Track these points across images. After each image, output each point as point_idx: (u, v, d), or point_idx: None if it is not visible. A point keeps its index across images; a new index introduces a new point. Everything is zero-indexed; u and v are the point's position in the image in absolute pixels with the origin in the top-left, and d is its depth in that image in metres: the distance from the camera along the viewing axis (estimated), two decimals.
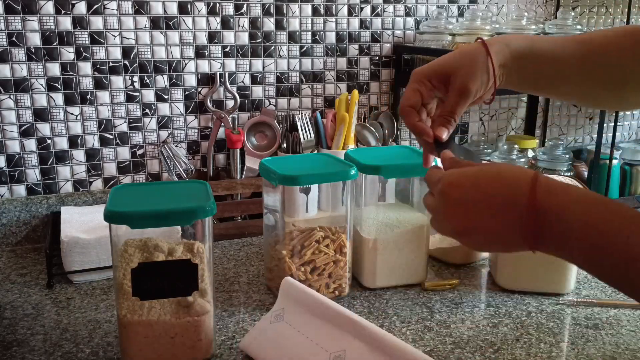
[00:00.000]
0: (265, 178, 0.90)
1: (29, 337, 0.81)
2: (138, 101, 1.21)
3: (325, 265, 0.91)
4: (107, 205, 0.70)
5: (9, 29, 1.09)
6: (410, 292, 0.95)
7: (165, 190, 0.78)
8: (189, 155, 1.27)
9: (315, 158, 0.97)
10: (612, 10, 1.66)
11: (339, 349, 0.70)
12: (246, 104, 1.30)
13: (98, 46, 1.15)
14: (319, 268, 0.90)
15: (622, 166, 1.42)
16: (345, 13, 1.34)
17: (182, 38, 1.21)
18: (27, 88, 1.12)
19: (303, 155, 1.05)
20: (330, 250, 0.91)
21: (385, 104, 1.43)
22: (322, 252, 0.90)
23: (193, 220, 0.72)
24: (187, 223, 0.73)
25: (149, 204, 0.72)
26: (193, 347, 0.74)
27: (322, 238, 0.90)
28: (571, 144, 1.68)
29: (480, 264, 1.06)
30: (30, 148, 1.15)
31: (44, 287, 0.96)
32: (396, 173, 0.94)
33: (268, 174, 0.89)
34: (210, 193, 0.76)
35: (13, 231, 1.14)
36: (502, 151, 1.34)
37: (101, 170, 1.21)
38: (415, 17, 1.41)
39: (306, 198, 0.96)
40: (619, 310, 0.89)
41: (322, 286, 0.91)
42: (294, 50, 1.31)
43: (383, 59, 1.40)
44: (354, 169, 0.88)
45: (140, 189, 0.78)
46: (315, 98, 1.36)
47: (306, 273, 0.90)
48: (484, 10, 1.37)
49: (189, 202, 0.73)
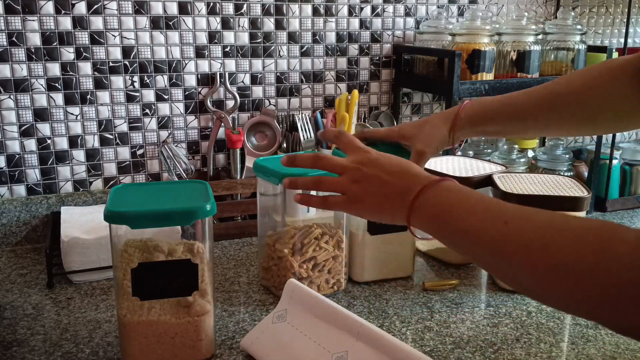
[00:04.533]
0: (263, 178, 0.90)
1: (29, 337, 0.81)
2: (138, 101, 1.21)
3: (326, 262, 0.91)
4: (107, 205, 0.70)
5: (9, 29, 1.09)
6: (410, 292, 0.95)
7: (165, 191, 0.78)
8: (189, 155, 1.27)
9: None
10: (612, 10, 1.66)
11: (342, 350, 0.70)
12: (246, 104, 1.30)
13: (98, 46, 1.15)
14: (320, 264, 0.91)
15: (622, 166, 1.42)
16: (345, 13, 1.34)
17: (182, 38, 1.21)
18: (27, 88, 1.12)
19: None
20: (330, 247, 0.91)
21: (385, 104, 1.43)
22: (323, 249, 0.91)
23: (193, 221, 0.72)
24: (187, 223, 0.73)
25: (149, 204, 0.72)
26: (193, 347, 0.74)
27: (320, 235, 0.91)
28: (571, 144, 1.68)
29: None
30: (31, 148, 1.15)
31: (44, 287, 0.96)
32: None
33: (267, 173, 0.88)
34: (211, 193, 0.76)
35: (13, 231, 1.14)
36: (502, 151, 1.34)
37: (101, 170, 1.21)
38: (415, 17, 1.41)
39: None
40: None
41: (322, 282, 0.92)
42: (294, 50, 1.31)
43: (383, 59, 1.40)
44: None
45: (140, 189, 0.78)
46: (315, 98, 1.36)
47: (308, 270, 0.90)
48: (484, 10, 1.37)
49: (189, 202, 0.73)
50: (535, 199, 0.92)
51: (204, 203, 0.72)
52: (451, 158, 1.16)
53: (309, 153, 0.72)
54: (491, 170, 1.06)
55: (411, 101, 1.46)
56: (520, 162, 1.33)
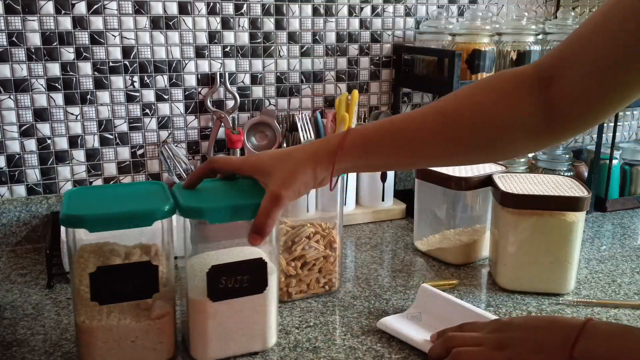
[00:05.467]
0: None
1: (29, 337, 0.81)
2: (138, 101, 1.21)
3: (316, 261, 0.91)
4: (62, 209, 0.68)
5: (9, 29, 1.09)
6: (410, 292, 0.95)
7: (121, 193, 0.75)
8: (189, 155, 1.27)
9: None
10: None
11: None
12: (246, 104, 1.30)
13: (98, 46, 1.15)
14: (309, 263, 0.91)
15: (622, 166, 1.42)
16: (345, 13, 1.34)
17: (182, 38, 1.21)
18: (27, 88, 1.12)
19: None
20: (320, 246, 0.91)
21: (385, 104, 1.43)
22: (313, 248, 0.91)
23: (153, 222, 0.70)
24: (147, 224, 0.70)
25: (106, 207, 0.70)
26: (155, 349, 0.73)
27: (312, 234, 0.91)
28: (571, 144, 1.68)
29: (480, 264, 1.07)
30: (30, 148, 1.15)
31: (44, 287, 0.96)
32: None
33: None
34: (169, 194, 0.74)
35: (13, 231, 1.14)
36: None
37: (101, 170, 1.21)
38: (415, 17, 1.41)
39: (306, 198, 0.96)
40: (619, 310, 0.89)
41: (312, 281, 0.92)
42: (294, 50, 1.31)
43: (383, 59, 1.40)
44: None
45: (96, 192, 0.76)
46: (315, 98, 1.36)
47: (297, 268, 0.90)
48: (484, 10, 1.37)
49: (148, 203, 0.71)
50: (535, 199, 0.92)
51: (163, 204, 0.70)
52: None
53: (439, 342, 0.73)
54: (491, 171, 1.06)
55: (411, 101, 1.46)
56: (520, 162, 1.33)
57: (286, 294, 0.91)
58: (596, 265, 1.07)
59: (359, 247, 1.15)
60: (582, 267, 1.05)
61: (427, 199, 1.10)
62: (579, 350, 0.60)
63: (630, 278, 1.01)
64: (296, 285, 0.91)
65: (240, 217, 0.72)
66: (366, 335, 0.81)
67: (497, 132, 0.68)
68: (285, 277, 0.90)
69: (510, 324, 0.68)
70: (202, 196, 0.75)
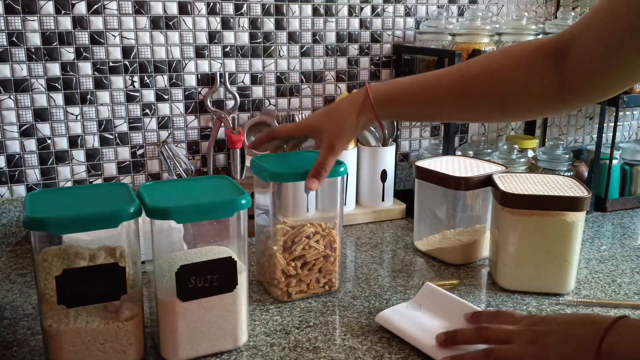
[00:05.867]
0: (257, 175, 0.91)
1: (29, 337, 0.81)
2: (138, 101, 1.21)
3: (316, 261, 0.91)
4: (25, 212, 0.67)
5: (9, 29, 1.09)
6: (410, 292, 0.95)
7: (85, 195, 0.75)
8: (189, 155, 1.27)
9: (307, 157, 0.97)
10: None
11: None
12: (246, 104, 1.30)
13: (98, 46, 1.15)
14: (310, 263, 0.91)
15: (622, 166, 1.42)
16: (345, 13, 1.34)
17: (182, 38, 1.21)
18: (27, 88, 1.12)
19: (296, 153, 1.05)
20: (320, 246, 0.91)
21: None
22: (312, 248, 0.91)
23: (119, 223, 0.68)
24: (113, 226, 0.69)
25: (70, 209, 0.69)
26: (124, 351, 0.72)
27: (312, 234, 0.91)
28: (571, 143, 1.68)
29: (480, 264, 1.07)
30: (30, 148, 1.15)
31: None
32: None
33: (260, 170, 0.89)
34: (134, 195, 0.73)
35: (13, 231, 1.14)
36: (502, 151, 1.34)
37: (101, 170, 1.21)
38: (415, 17, 1.41)
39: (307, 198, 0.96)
40: (619, 310, 0.89)
41: (312, 281, 0.92)
42: (294, 50, 1.31)
43: (383, 59, 1.40)
44: (343, 166, 0.89)
45: (58, 194, 0.75)
46: (315, 98, 1.36)
47: (297, 268, 0.90)
48: (484, 10, 1.37)
49: (113, 205, 0.70)
50: (536, 199, 0.92)
51: (128, 205, 0.70)
52: (451, 158, 1.16)
53: (472, 329, 0.75)
54: (491, 170, 1.06)
55: None
56: (520, 162, 1.33)
57: (286, 294, 0.91)
58: (596, 265, 1.07)
59: (359, 247, 1.15)
60: (582, 267, 1.05)
61: (427, 199, 1.10)
62: (607, 345, 0.61)
63: (630, 278, 1.01)
64: (296, 285, 0.91)
65: (206, 216, 0.73)
66: (366, 335, 0.81)
67: (511, 89, 0.75)
68: (285, 277, 0.90)
69: (544, 319, 0.70)
70: (169, 197, 0.74)
